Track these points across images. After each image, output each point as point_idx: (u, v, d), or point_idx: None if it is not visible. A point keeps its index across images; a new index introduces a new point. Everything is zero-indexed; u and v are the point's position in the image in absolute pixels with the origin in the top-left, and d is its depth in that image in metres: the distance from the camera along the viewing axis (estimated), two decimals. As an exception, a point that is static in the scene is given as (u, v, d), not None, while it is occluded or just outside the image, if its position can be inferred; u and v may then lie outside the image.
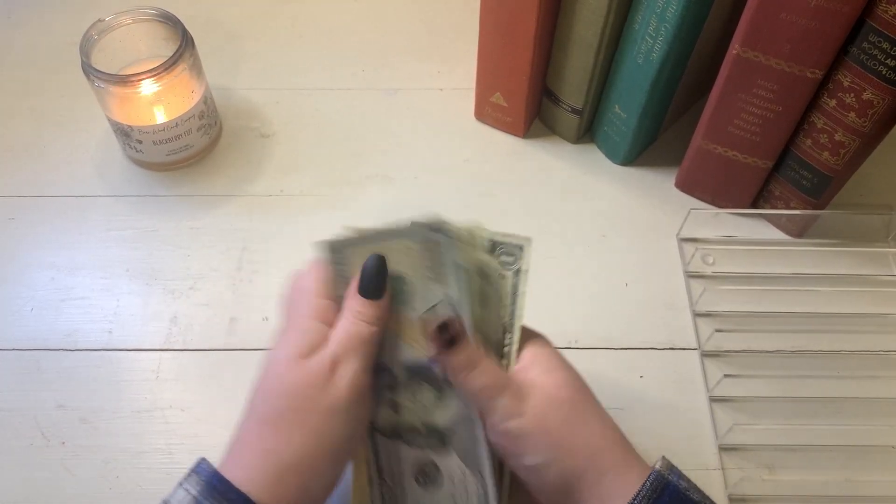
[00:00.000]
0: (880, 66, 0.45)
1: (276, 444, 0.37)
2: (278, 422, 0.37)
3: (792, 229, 0.58)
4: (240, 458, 0.37)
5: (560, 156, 0.62)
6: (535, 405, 0.38)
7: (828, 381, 0.51)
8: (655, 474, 0.37)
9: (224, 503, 0.35)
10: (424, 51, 0.69)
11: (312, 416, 0.37)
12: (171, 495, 0.36)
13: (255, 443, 0.37)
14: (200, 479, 0.36)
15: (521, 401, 0.38)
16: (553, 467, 0.37)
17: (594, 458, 0.38)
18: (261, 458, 0.36)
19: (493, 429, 0.38)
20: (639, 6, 0.51)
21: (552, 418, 0.38)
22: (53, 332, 0.52)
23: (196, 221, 0.58)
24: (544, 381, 0.39)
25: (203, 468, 0.37)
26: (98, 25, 0.56)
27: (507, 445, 0.38)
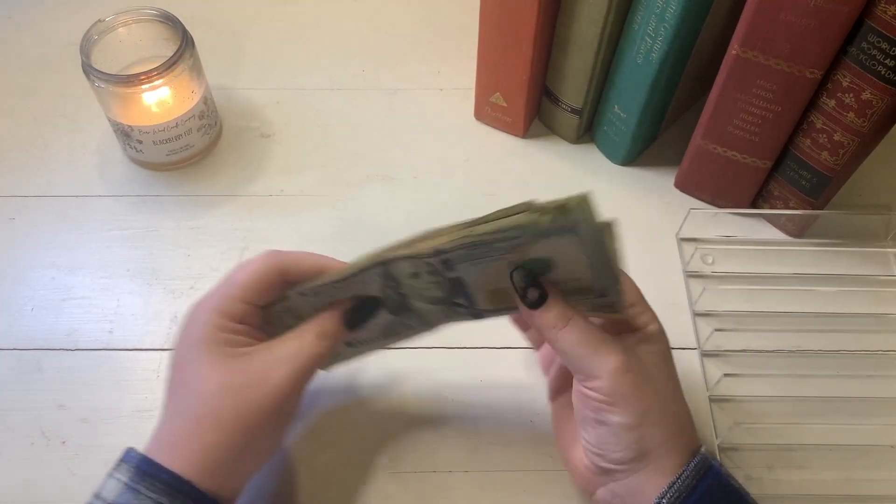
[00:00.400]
0: (879, 66, 0.45)
1: (215, 440, 0.37)
2: (218, 420, 0.38)
3: (791, 229, 0.58)
4: (174, 451, 0.38)
5: (560, 156, 0.62)
6: (637, 369, 0.38)
7: (828, 381, 0.51)
8: (701, 457, 0.39)
9: (156, 483, 0.36)
10: (424, 51, 0.69)
11: (252, 416, 0.38)
12: (101, 487, 0.37)
13: (192, 439, 0.38)
14: (129, 465, 0.37)
15: (623, 360, 0.38)
16: (636, 431, 0.38)
17: (673, 436, 0.39)
18: (199, 454, 0.37)
19: (590, 383, 0.38)
20: (638, 6, 0.51)
21: (649, 387, 0.39)
22: (54, 332, 0.52)
23: (196, 221, 0.58)
24: (649, 348, 0.40)
25: (131, 456, 0.38)
26: (98, 25, 0.56)
27: (592, 402, 0.38)
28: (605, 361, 0.38)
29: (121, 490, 0.36)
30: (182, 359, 0.40)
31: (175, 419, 0.39)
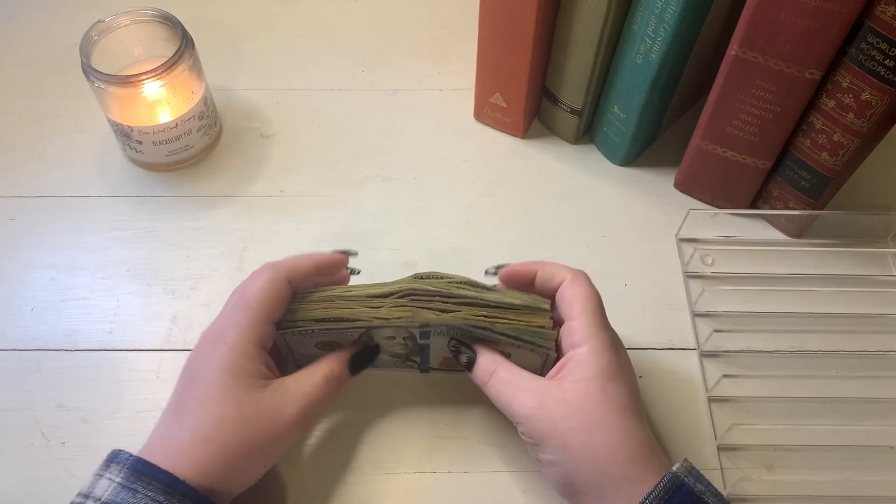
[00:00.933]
0: (879, 66, 0.45)
1: (218, 461, 0.39)
2: (224, 447, 0.39)
3: (791, 229, 0.58)
4: (175, 459, 0.38)
5: (559, 156, 0.62)
6: (551, 409, 0.40)
7: (827, 381, 0.51)
8: (671, 476, 0.38)
9: (153, 482, 0.37)
10: (424, 51, 0.69)
11: (257, 447, 0.40)
12: (90, 487, 0.37)
13: (195, 454, 0.38)
14: (122, 466, 0.38)
15: (537, 404, 0.40)
16: (558, 468, 0.40)
17: (603, 467, 0.39)
18: (199, 468, 0.38)
19: (521, 430, 0.42)
20: (638, 7, 0.51)
21: (564, 425, 0.39)
22: (54, 332, 0.52)
23: (196, 221, 0.58)
24: (569, 387, 0.40)
25: (122, 457, 0.38)
26: (98, 26, 0.56)
27: (527, 442, 0.42)
28: (521, 407, 0.41)
29: (115, 490, 0.37)
30: (199, 377, 0.40)
31: (181, 432, 0.39)
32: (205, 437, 0.39)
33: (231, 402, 0.39)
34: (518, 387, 0.41)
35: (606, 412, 0.39)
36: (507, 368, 0.42)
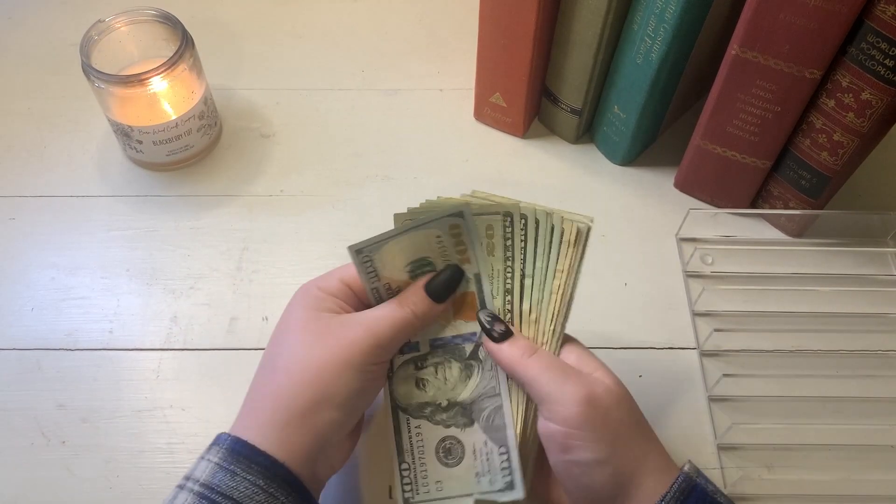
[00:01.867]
0: (879, 66, 0.45)
1: (298, 407, 0.38)
2: (293, 378, 0.38)
3: (791, 229, 0.58)
4: (251, 416, 0.39)
5: (559, 156, 0.62)
6: (601, 398, 0.38)
7: (827, 381, 0.51)
8: (684, 476, 0.38)
9: (253, 465, 0.36)
10: (424, 51, 0.69)
11: (324, 367, 0.38)
12: (191, 470, 0.37)
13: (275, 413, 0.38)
14: (221, 447, 0.37)
15: (588, 389, 0.38)
16: (608, 466, 0.37)
17: (643, 459, 0.38)
18: (269, 412, 0.38)
19: (552, 416, 0.38)
20: (638, 7, 0.51)
21: (614, 415, 0.38)
22: (54, 332, 0.52)
23: (196, 221, 0.58)
24: (607, 380, 0.39)
25: (222, 438, 0.38)
26: (98, 26, 0.56)
27: (560, 438, 0.38)
28: (574, 390, 0.38)
29: (214, 470, 0.36)
30: (280, 328, 0.41)
31: (260, 391, 0.40)
32: (287, 370, 0.39)
33: (299, 328, 0.40)
34: (567, 368, 0.39)
35: (636, 405, 0.40)
36: (547, 351, 0.40)
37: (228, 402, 0.50)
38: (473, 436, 0.41)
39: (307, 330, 0.39)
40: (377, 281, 0.41)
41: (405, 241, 0.41)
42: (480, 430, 0.41)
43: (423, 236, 0.41)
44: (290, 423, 0.37)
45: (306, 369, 0.38)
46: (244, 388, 0.50)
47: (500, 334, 0.40)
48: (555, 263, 0.41)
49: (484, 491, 0.41)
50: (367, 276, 0.41)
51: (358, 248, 0.41)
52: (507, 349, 0.40)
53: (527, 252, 0.41)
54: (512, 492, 0.40)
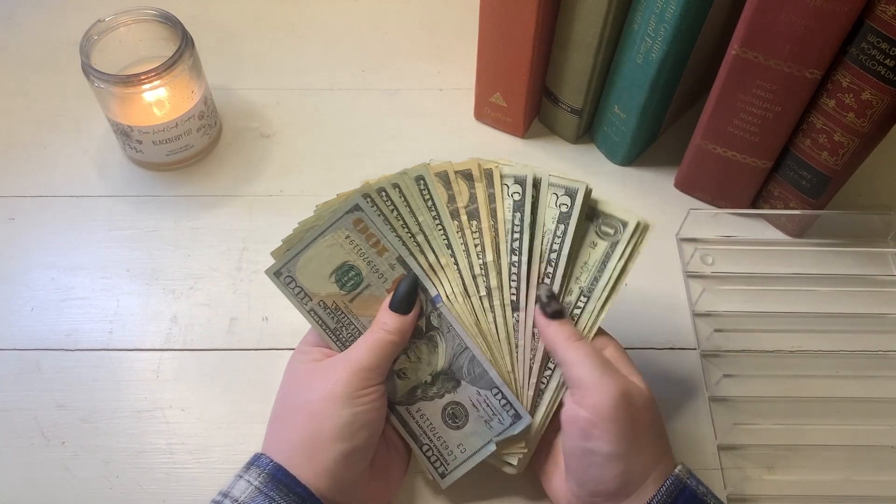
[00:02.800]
0: (879, 66, 0.45)
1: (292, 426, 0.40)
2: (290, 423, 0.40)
3: (791, 229, 0.58)
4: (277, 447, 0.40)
5: (560, 156, 0.62)
6: (635, 398, 0.39)
7: (827, 381, 0.51)
8: (673, 478, 0.38)
9: (290, 495, 0.37)
10: (424, 51, 0.69)
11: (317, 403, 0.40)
12: (230, 486, 0.38)
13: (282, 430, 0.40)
14: (261, 470, 0.38)
15: (625, 387, 0.39)
16: (622, 462, 0.38)
17: (655, 467, 0.39)
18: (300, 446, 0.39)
19: (583, 402, 0.39)
20: (638, 6, 0.51)
21: (641, 417, 0.39)
22: (54, 332, 0.52)
23: (196, 221, 0.58)
24: (637, 381, 0.40)
25: (263, 461, 0.39)
26: (98, 26, 0.56)
27: (585, 424, 0.39)
28: (611, 383, 0.39)
29: (253, 493, 0.37)
30: (281, 385, 0.44)
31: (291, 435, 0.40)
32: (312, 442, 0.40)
33: (294, 386, 0.42)
34: (608, 362, 0.40)
35: (658, 416, 0.41)
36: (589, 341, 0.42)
37: (228, 402, 0.50)
38: (466, 392, 0.43)
39: (296, 382, 0.42)
40: (310, 301, 0.43)
41: (318, 252, 0.42)
42: (468, 384, 0.43)
43: (333, 241, 0.42)
44: (300, 465, 0.39)
45: (298, 413, 0.40)
46: (244, 388, 0.50)
47: (553, 312, 0.41)
48: (618, 258, 0.42)
49: (498, 432, 0.42)
50: (299, 299, 0.43)
51: (276, 271, 0.42)
52: (557, 328, 0.41)
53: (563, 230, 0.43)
54: (520, 421, 0.42)
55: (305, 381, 0.41)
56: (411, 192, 0.43)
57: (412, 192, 0.43)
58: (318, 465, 0.38)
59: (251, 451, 0.48)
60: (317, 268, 0.42)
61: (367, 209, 0.42)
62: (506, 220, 0.43)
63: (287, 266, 0.42)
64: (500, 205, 0.43)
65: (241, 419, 0.49)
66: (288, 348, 0.52)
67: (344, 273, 0.42)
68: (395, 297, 0.42)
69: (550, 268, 0.42)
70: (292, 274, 0.42)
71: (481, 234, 0.42)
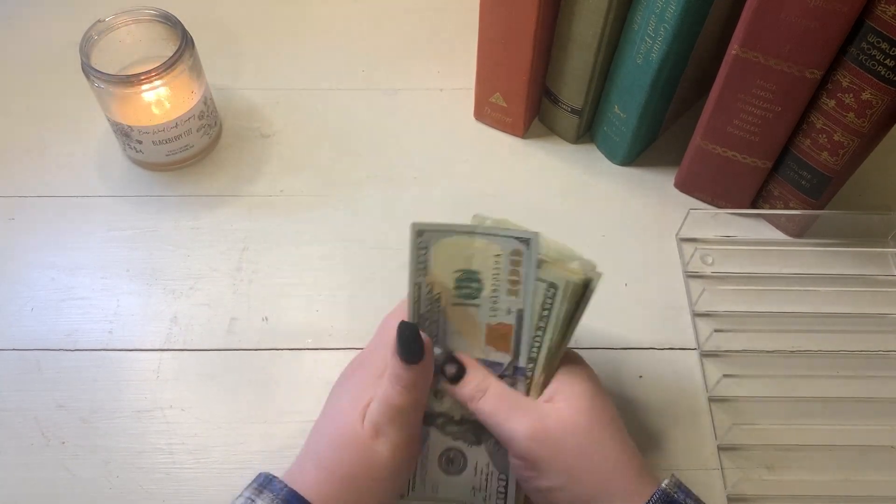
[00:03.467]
0: (879, 66, 0.45)
1: (330, 491, 0.38)
2: (335, 474, 0.38)
3: (791, 229, 0.58)
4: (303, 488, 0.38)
5: (560, 156, 0.62)
6: (552, 430, 0.39)
7: (827, 381, 0.51)
8: (660, 493, 0.38)
9: None
10: (424, 51, 0.69)
11: (359, 479, 0.38)
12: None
13: (312, 483, 0.38)
14: (276, 497, 0.37)
15: (537, 424, 0.39)
16: (565, 492, 0.38)
17: (604, 483, 0.38)
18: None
19: (510, 450, 0.39)
20: (638, 6, 0.51)
21: (566, 445, 0.38)
22: (54, 332, 0.52)
23: (196, 221, 0.58)
24: (563, 407, 0.39)
25: (276, 486, 0.38)
26: (98, 26, 0.56)
27: (523, 467, 0.39)
28: (518, 425, 0.38)
29: None
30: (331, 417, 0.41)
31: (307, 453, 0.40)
32: (322, 465, 0.39)
33: (336, 428, 0.40)
34: (514, 405, 0.39)
35: (602, 426, 0.39)
36: (500, 386, 0.40)
37: (228, 402, 0.50)
38: (478, 455, 0.42)
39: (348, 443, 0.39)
40: (423, 276, 0.41)
41: (464, 244, 0.40)
42: (485, 452, 0.42)
43: (484, 247, 0.40)
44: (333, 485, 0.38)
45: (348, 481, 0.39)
46: (244, 388, 0.50)
47: (451, 377, 0.41)
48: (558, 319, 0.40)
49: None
50: (417, 266, 0.41)
51: (420, 229, 0.40)
52: (459, 391, 0.40)
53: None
54: None
55: (352, 448, 0.39)
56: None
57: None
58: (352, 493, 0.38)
59: (251, 450, 0.48)
60: (451, 256, 0.40)
61: (533, 252, 0.39)
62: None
63: (433, 234, 0.40)
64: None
65: (241, 419, 0.49)
66: (288, 348, 0.52)
67: (468, 280, 0.40)
68: (400, 345, 0.39)
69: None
70: (429, 244, 0.40)
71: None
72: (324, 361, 0.51)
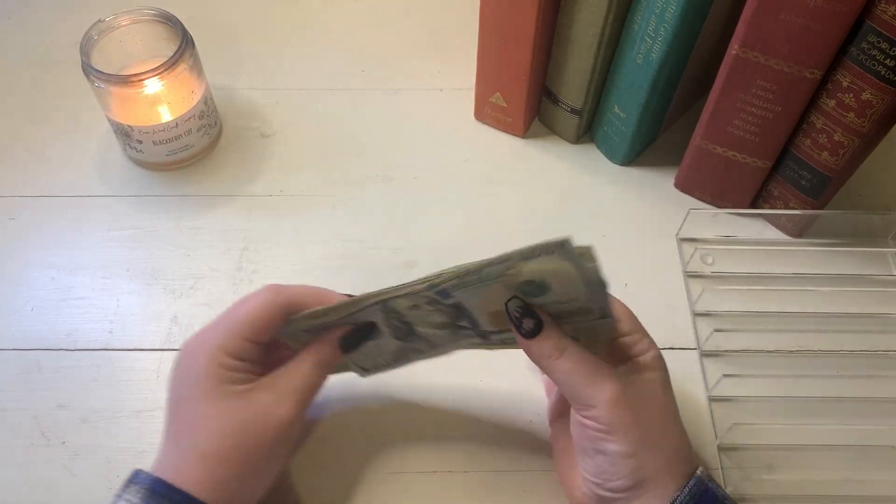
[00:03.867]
0: (879, 66, 0.45)
1: (222, 475, 0.38)
2: (225, 459, 0.38)
3: (791, 229, 0.58)
4: (184, 481, 0.38)
5: (560, 156, 0.62)
6: (635, 398, 0.38)
7: (828, 381, 0.51)
8: (696, 479, 0.38)
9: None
10: (424, 51, 0.69)
11: (258, 451, 0.39)
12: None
13: (199, 473, 0.38)
14: (140, 487, 0.37)
15: (621, 389, 0.38)
16: (633, 459, 0.38)
17: (670, 461, 0.39)
18: (208, 486, 0.37)
19: (584, 412, 0.39)
20: (638, 7, 0.51)
21: (647, 414, 0.39)
22: (54, 332, 0.52)
23: (196, 221, 0.58)
24: (645, 377, 0.40)
25: (141, 477, 0.38)
26: (98, 25, 0.56)
27: (589, 434, 0.39)
28: (601, 391, 0.38)
29: None
30: (182, 395, 0.40)
31: (183, 453, 0.39)
32: (202, 455, 0.38)
33: (216, 412, 0.39)
34: (595, 369, 0.38)
35: (674, 412, 0.40)
36: (577, 346, 0.39)
37: (228, 402, 0.50)
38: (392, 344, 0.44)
39: (226, 417, 0.39)
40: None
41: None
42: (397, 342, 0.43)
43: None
44: (229, 493, 0.38)
45: (233, 460, 0.39)
46: (244, 388, 0.50)
47: (528, 331, 0.39)
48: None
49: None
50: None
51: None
52: (536, 346, 0.39)
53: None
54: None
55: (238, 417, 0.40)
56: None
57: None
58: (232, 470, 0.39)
59: (251, 450, 0.48)
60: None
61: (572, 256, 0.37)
62: None
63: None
64: None
65: (242, 419, 0.49)
66: (288, 348, 0.52)
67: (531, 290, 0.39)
68: (353, 338, 0.42)
69: None
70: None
71: None
72: (324, 361, 0.51)
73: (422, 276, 0.39)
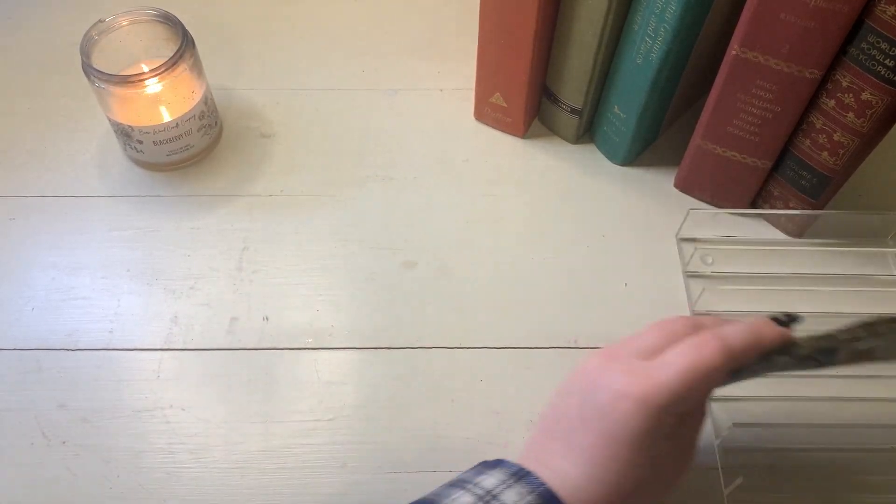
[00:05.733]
0: (879, 66, 0.45)
1: (617, 480, 0.35)
2: (626, 467, 0.35)
3: (791, 229, 0.58)
4: (573, 483, 0.35)
5: (559, 156, 0.62)
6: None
7: (828, 381, 0.51)
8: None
9: None
10: (424, 51, 0.69)
11: (656, 456, 0.36)
12: (499, 489, 0.35)
13: (593, 474, 0.35)
14: (533, 489, 0.35)
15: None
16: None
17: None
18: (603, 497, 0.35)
19: None
20: (638, 7, 0.51)
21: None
22: (54, 332, 0.52)
23: (196, 221, 0.58)
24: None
25: (532, 479, 0.35)
26: (98, 26, 0.56)
27: None
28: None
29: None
30: (613, 434, 0.36)
31: (591, 491, 0.36)
32: (621, 495, 0.35)
33: (650, 466, 0.36)
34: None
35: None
36: None
37: (228, 402, 0.50)
38: None
39: (642, 429, 0.35)
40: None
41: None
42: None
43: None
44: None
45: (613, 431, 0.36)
46: (244, 388, 0.50)
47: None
48: None
49: None
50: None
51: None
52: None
53: None
54: None
55: (650, 433, 0.36)
56: None
57: None
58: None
59: (251, 450, 0.48)
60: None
61: None
62: None
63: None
64: None
65: (241, 419, 0.49)
66: (288, 348, 0.52)
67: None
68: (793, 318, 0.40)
69: None
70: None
71: None
72: (324, 361, 0.51)
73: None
